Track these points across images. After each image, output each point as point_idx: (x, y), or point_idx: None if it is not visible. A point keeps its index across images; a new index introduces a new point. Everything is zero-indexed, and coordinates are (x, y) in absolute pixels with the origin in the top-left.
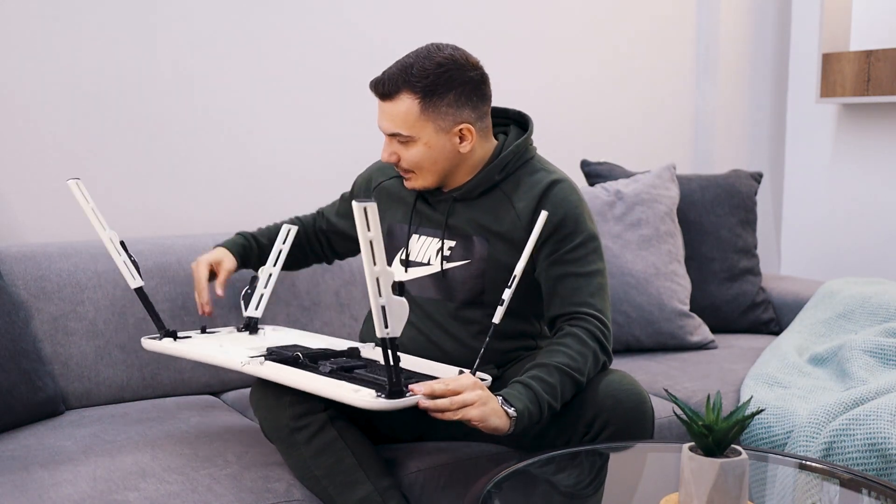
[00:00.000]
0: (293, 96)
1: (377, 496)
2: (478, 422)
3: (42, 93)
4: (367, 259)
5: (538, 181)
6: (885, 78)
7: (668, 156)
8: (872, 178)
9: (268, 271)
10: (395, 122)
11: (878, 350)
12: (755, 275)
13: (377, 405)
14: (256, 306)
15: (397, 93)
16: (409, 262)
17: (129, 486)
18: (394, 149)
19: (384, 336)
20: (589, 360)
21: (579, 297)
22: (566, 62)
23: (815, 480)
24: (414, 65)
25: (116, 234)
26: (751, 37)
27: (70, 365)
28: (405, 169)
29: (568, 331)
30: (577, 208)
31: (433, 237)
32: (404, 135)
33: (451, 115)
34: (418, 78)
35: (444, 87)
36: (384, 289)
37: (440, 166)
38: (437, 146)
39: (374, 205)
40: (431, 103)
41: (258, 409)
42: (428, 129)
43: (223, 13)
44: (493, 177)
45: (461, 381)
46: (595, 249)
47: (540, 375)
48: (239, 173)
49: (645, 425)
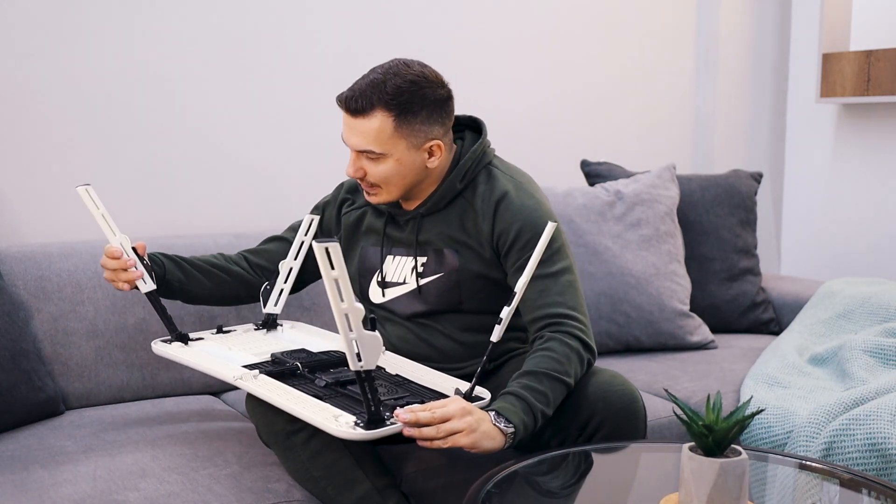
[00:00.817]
0: (293, 97)
1: (376, 494)
2: (469, 448)
3: (42, 93)
4: (334, 298)
5: (495, 188)
6: (885, 78)
7: (668, 156)
8: (872, 178)
9: (288, 265)
10: (367, 139)
11: (878, 350)
12: (755, 275)
13: (353, 435)
14: (276, 302)
15: (371, 110)
16: (386, 283)
17: (129, 486)
18: (361, 164)
19: (358, 370)
20: (574, 362)
21: (550, 298)
22: (566, 62)
23: (815, 480)
24: (386, 82)
25: (128, 239)
26: (751, 37)
27: (70, 365)
28: (371, 184)
29: (548, 337)
30: (533, 213)
31: (406, 256)
32: (376, 152)
33: (423, 133)
34: (392, 95)
35: (417, 105)
36: (354, 324)
37: (407, 181)
38: (407, 162)
39: (335, 244)
40: (405, 121)
41: (254, 415)
42: (400, 147)
43: (224, 14)
44: (455, 186)
45: (448, 408)
46: (558, 249)
47: (530, 384)
48: (239, 174)
49: (637, 425)
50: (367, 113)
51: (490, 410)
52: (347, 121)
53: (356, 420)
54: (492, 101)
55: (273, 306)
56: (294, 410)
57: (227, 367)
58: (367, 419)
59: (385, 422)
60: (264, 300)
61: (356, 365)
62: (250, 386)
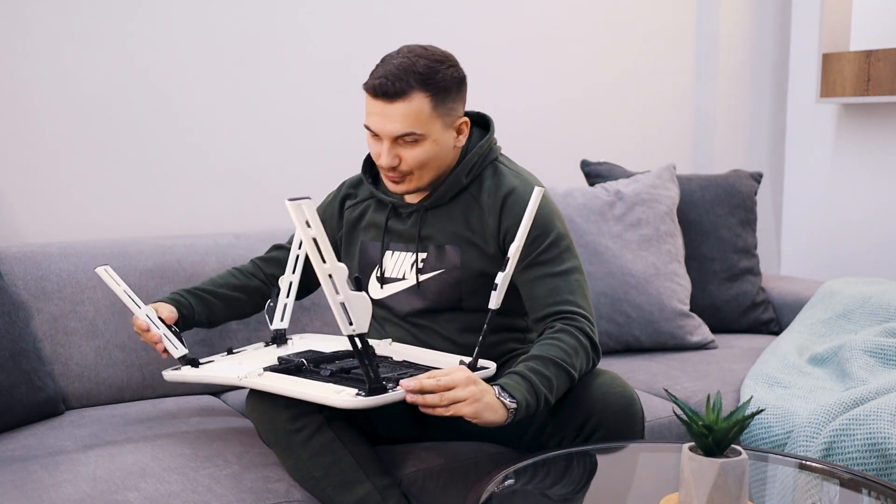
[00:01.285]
0: (292, 98)
1: (376, 495)
2: (471, 418)
3: (42, 94)
4: (315, 258)
5: (501, 184)
6: (885, 78)
7: (668, 156)
8: (872, 178)
9: (287, 280)
10: (408, 121)
11: (878, 350)
12: (755, 275)
13: (356, 404)
14: (282, 317)
15: (409, 91)
16: (385, 278)
17: (129, 486)
18: (397, 151)
19: (350, 333)
20: (581, 357)
21: (560, 296)
22: (566, 63)
23: (815, 480)
24: (415, 63)
25: (153, 311)
26: (751, 37)
27: (70, 365)
28: (403, 172)
29: (560, 328)
30: (542, 210)
31: (406, 251)
32: (417, 133)
33: (454, 111)
34: (426, 75)
35: (448, 82)
36: (340, 286)
37: (441, 163)
38: (442, 143)
39: (309, 201)
40: (440, 100)
41: (254, 414)
42: (436, 127)
43: (223, 16)
44: (461, 180)
45: (453, 376)
46: (567, 248)
47: (536, 367)
48: (238, 174)
49: (635, 427)
50: (405, 95)
51: (494, 385)
52: (381, 108)
53: (357, 391)
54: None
55: (279, 322)
56: (295, 392)
57: (231, 371)
58: (368, 387)
59: (387, 389)
60: (270, 317)
61: (347, 329)
62: (255, 382)
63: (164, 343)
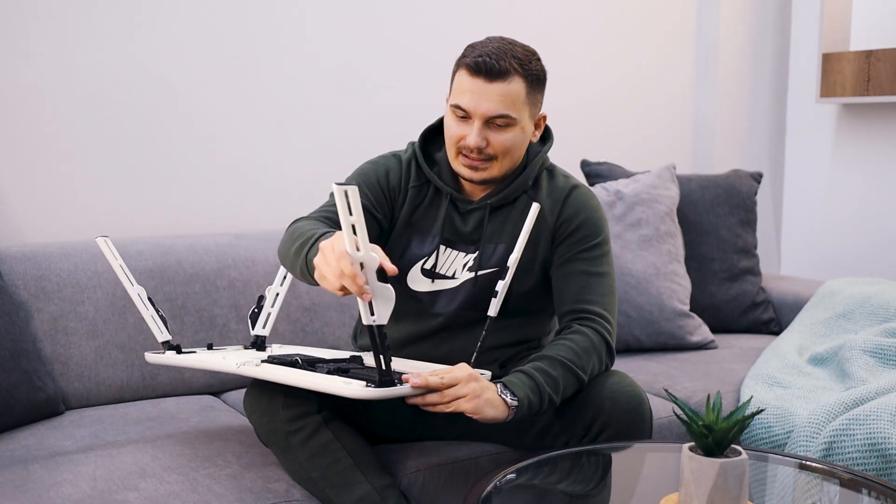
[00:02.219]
0: (292, 98)
1: (375, 495)
2: (472, 414)
3: (43, 94)
4: (350, 243)
5: (559, 186)
6: (885, 78)
7: (668, 156)
8: (872, 178)
9: (275, 290)
10: (505, 102)
11: (878, 350)
12: (755, 275)
13: (367, 394)
14: (264, 325)
15: (511, 73)
16: (436, 274)
17: (129, 486)
18: (486, 134)
19: (370, 323)
20: (593, 360)
21: (590, 296)
22: (566, 63)
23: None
24: (513, 49)
25: (144, 291)
26: (751, 37)
27: (70, 365)
28: (489, 156)
29: (576, 328)
30: (596, 212)
31: (461, 250)
32: (511, 116)
33: (539, 103)
34: (524, 62)
35: (540, 73)
36: (369, 275)
37: (519, 154)
38: (526, 131)
39: (355, 188)
40: (533, 88)
41: (252, 415)
42: (525, 115)
43: (224, 16)
44: (529, 181)
45: (455, 373)
46: (607, 253)
47: (543, 367)
48: (239, 174)
49: (643, 427)
50: (507, 77)
51: (498, 382)
52: (480, 86)
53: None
54: None
55: (261, 328)
56: (303, 382)
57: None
58: (379, 378)
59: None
60: (252, 323)
61: (368, 319)
62: (256, 371)
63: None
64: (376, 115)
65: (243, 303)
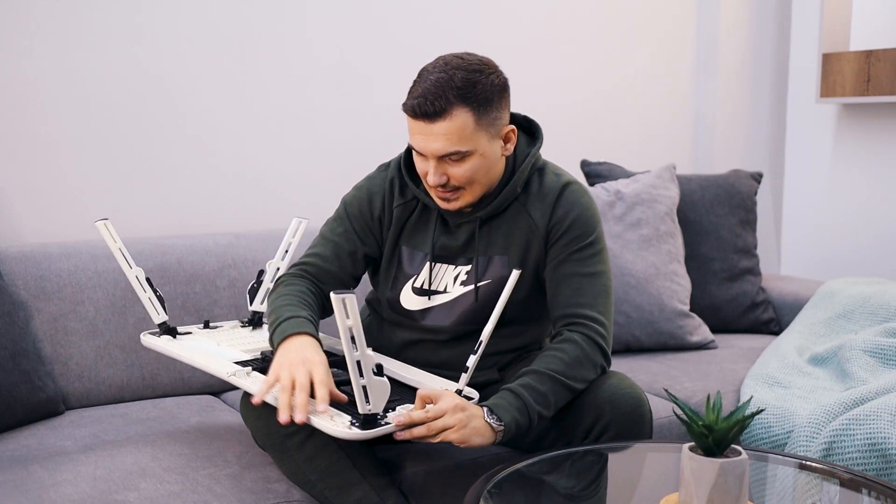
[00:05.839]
0: (292, 98)
1: (374, 495)
2: (459, 443)
3: (43, 94)
4: (347, 345)
5: (550, 186)
6: (885, 78)
7: (668, 156)
8: (872, 178)
9: (275, 265)
10: (452, 140)
11: (878, 350)
12: (755, 275)
13: (350, 435)
14: (262, 301)
15: (449, 109)
16: (431, 291)
17: (129, 486)
18: (444, 169)
19: (366, 412)
20: (585, 367)
21: (582, 299)
22: (566, 63)
23: (815, 480)
24: (452, 77)
25: (142, 272)
26: (751, 37)
27: (70, 365)
28: (453, 188)
29: (567, 336)
30: (588, 209)
31: (452, 263)
32: (462, 150)
33: (499, 120)
34: (465, 89)
35: (489, 93)
36: (366, 371)
37: (490, 174)
38: (489, 154)
39: (352, 296)
40: (483, 112)
41: (248, 419)
42: (482, 140)
43: (224, 17)
44: (515, 190)
45: (441, 405)
46: (601, 251)
47: (531, 384)
48: (239, 174)
49: (643, 428)
50: (446, 114)
51: (484, 405)
52: (423, 128)
53: (352, 420)
54: None
55: (259, 304)
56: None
57: (219, 364)
58: (363, 419)
59: (380, 422)
60: (250, 298)
61: (364, 408)
62: (244, 383)
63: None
64: (376, 115)
65: (243, 303)
